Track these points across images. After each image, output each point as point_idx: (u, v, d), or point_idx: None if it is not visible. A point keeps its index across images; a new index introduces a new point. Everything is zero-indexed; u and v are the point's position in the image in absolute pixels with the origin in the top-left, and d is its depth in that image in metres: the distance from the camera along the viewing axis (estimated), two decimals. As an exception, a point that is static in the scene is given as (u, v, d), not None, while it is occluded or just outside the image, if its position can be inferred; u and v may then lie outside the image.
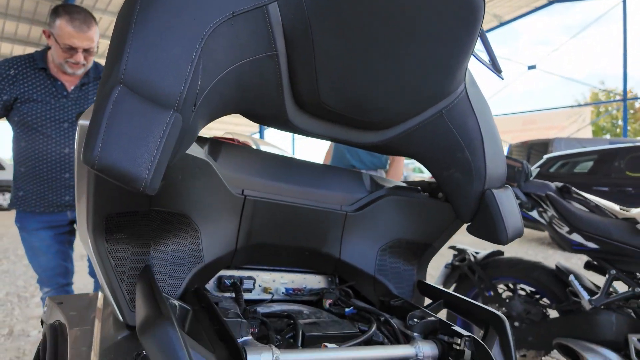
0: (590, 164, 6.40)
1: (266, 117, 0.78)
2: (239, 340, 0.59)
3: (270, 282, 0.91)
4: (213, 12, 0.55)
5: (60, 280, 1.78)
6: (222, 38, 0.57)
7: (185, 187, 0.68)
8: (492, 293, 1.97)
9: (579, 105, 17.40)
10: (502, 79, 0.95)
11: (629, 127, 20.28)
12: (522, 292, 1.96)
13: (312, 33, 0.63)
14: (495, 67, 0.90)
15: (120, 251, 0.66)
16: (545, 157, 7.14)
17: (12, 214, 1.89)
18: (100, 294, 0.81)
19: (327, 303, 0.87)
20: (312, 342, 0.67)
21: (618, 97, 17.33)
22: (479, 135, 0.85)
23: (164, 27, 0.52)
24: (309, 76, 0.69)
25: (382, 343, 0.74)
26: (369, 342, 0.71)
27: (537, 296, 1.92)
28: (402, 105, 0.79)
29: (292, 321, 0.71)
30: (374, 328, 0.74)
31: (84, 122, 0.59)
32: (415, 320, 0.76)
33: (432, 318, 0.77)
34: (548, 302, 1.84)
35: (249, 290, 0.87)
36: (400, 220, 0.95)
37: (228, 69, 0.62)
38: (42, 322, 0.84)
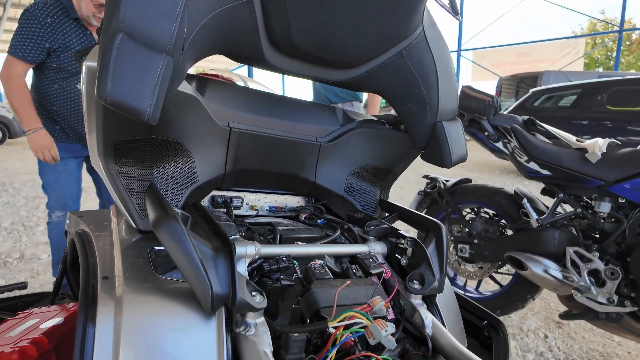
0: (574, 97, 6.51)
1: (245, 57, 0.89)
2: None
3: (256, 202, 1.08)
4: None
5: (71, 204, 2.02)
6: None
7: (179, 119, 0.81)
8: (457, 215, 2.20)
9: (574, 37, 16.98)
10: (460, 20, 1.06)
11: (622, 60, 20.03)
12: (484, 215, 2.19)
13: None
14: (453, 10, 1.00)
15: (128, 172, 0.81)
16: (531, 91, 7.21)
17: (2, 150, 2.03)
18: (112, 209, 0.97)
19: (302, 216, 1.05)
20: (288, 242, 0.85)
21: (615, 29, 16.91)
22: (435, 73, 0.98)
23: None
24: (281, 19, 0.80)
25: (342, 243, 0.92)
26: (334, 242, 0.89)
27: (497, 218, 2.15)
28: (366, 45, 0.90)
29: (272, 227, 0.89)
30: (338, 232, 0.92)
31: (91, 63, 0.71)
32: (371, 227, 0.95)
33: (385, 225, 0.95)
34: (506, 222, 2.08)
35: (238, 207, 1.04)
36: (368, 149, 1.10)
37: (209, 15, 0.73)
38: (65, 232, 1.01)
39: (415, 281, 0.80)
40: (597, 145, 1.76)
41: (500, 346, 0.91)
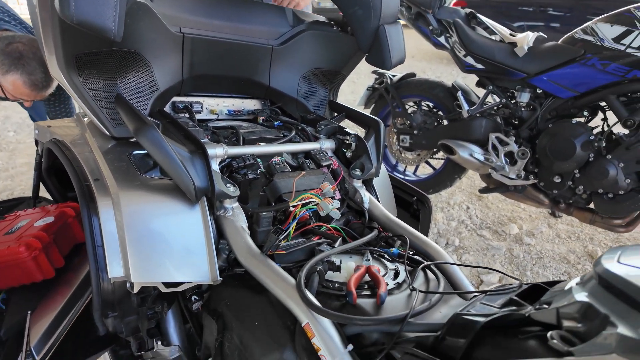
0: (522, -19, 6.46)
1: None
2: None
3: (214, 106, 1.16)
4: None
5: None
6: None
7: (133, 28, 0.84)
8: (400, 109, 2.38)
9: None
10: None
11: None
12: (424, 108, 2.39)
13: None
14: None
15: (93, 84, 0.86)
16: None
17: None
18: (77, 118, 1.03)
19: (260, 119, 1.16)
20: (250, 143, 0.98)
21: None
22: None
23: None
24: None
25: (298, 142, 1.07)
26: (290, 142, 1.03)
27: (435, 110, 2.37)
28: None
29: (234, 130, 1.01)
30: (293, 132, 1.06)
31: None
32: (322, 126, 1.09)
33: (333, 125, 1.10)
34: (443, 114, 2.30)
35: (199, 112, 1.12)
36: (317, 51, 1.18)
37: None
38: (36, 142, 1.07)
39: (357, 169, 0.98)
40: (526, 39, 1.92)
41: (426, 215, 1.16)
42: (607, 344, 0.34)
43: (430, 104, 2.40)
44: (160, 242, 0.71)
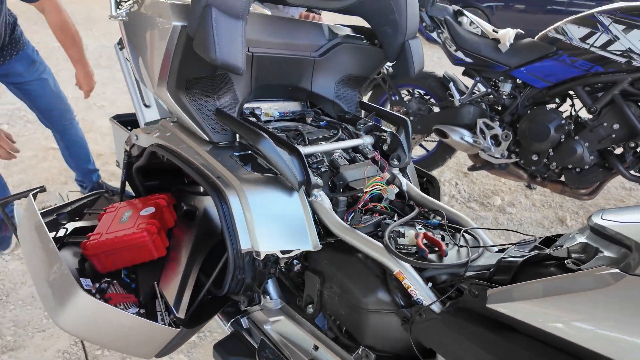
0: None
1: None
2: None
3: (268, 110, 1.39)
4: None
5: None
6: None
7: None
8: (397, 97, 2.66)
9: None
10: None
11: None
12: (417, 96, 2.68)
13: None
14: None
15: (197, 100, 1.08)
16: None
17: None
18: (168, 126, 1.23)
19: (308, 120, 1.41)
20: (312, 142, 1.23)
21: None
22: (405, 3, 1.28)
23: None
24: None
25: (345, 139, 1.32)
26: (339, 139, 1.29)
27: (427, 97, 2.66)
28: None
29: (298, 132, 1.25)
30: (341, 131, 1.31)
31: (177, 23, 0.92)
32: (361, 124, 1.35)
33: (370, 123, 1.36)
34: (434, 101, 2.60)
35: (258, 116, 1.35)
36: (350, 60, 1.42)
37: None
38: (128, 152, 1.27)
39: (395, 160, 1.25)
40: (507, 36, 2.22)
41: (435, 193, 1.45)
42: (599, 263, 0.63)
43: (422, 92, 2.69)
44: (275, 221, 0.96)
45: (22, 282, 1.88)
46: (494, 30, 2.31)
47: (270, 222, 0.95)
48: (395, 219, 1.05)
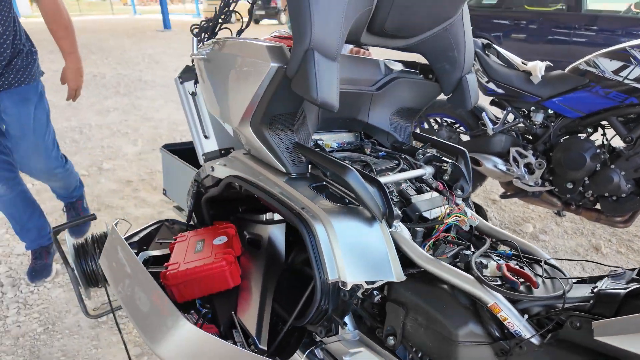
0: (497, -4, 7.03)
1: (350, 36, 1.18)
2: None
3: (327, 140, 1.43)
4: None
5: None
6: (353, 3, 0.95)
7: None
8: (426, 125, 2.71)
9: None
10: None
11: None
12: (446, 124, 2.74)
13: None
14: None
15: (278, 135, 1.12)
16: None
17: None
18: (240, 157, 1.27)
19: (367, 150, 1.45)
20: (379, 173, 1.26)
21: None
22: (464, 40, 1.34)
23: (327, 1, 0.90)
24: (384, 14, 1.09)
25: (407, 170, 1.36)
26: (402, 169, 1.32)
27: (457, 126, 2.72)
28: (428, 25, 1.23)
29: (366, 163, 1.29)
30: (402, 162, 1.35)
31: (275, 64, 0.97)
32: (420, 155, 1.38)
33: (429, 153, 1.39)
34: (463, 130, 2.65)
35: (321, 147, 1.39)
36: (405, 94, 1.47)
37: (352, 21, 1.01)
38: (198, 182, 1.30)
39: (458, 190, 1.28)
40: (538, 68, 2.29)
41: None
42: None
43: (451, 121, 2.75)
44: (359, 251, 0.98)
45: (67, 310, 1.88)
46: (522, 63, 2.39)
47: (355, 252, 0.98)
48: (472, 249, 1.07)
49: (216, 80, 1.21)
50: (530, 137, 2.40)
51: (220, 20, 1.22)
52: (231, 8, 1.23)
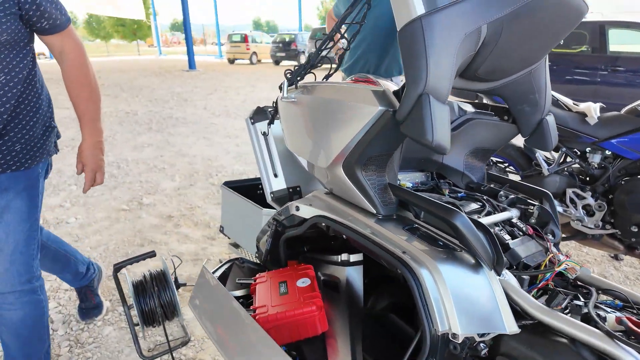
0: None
1: None
2: None
3: (404, 180, 1.41)
4: (461, 32, 0.92)
5: None
6: (462, 48, 0.96)
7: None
8: (473, 165, 2.68)
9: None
10: None
11: None
12: (493, 163, 2.70)
13: (499, 37, 1.02)
14: None
15: (370, 175, 1.10)
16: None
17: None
18: (322, 197, 1.25)
19: (445, 191, 1.41)
20: (467, 215, 1.22)
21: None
22: (545, 82, 1.34)
23: (442, 47, 0.90)
24: (481, 61, 1.10)
25: (492, 212, 1.31)
26: (488, 212, 1.28)
27: (505, 165, 2.68)
28: (515, 70, 1.23)
29: (451, 204, 1.25)
30: (487, 205, 1.31)
31: (383, 107, 0.97)
32: (503, 197, 1.34)
33: (512, 195, 1.35)
34: (513, 169, 2.61)
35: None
36: (480, 134, 1.46)
37: (458, 66, 1.01)
38: (277, 222, 1.28)
39: (549, 234, 1.23)
40: (592, 109, 2.27)
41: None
42: None
43: (499, 160, 2.71)
44: (469, 300, 0.93)
45: (119, 350, 1.83)
46: (574, 104, 2.38)
47: (465, 301, 0.92)
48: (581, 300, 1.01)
49: (306, 123, 1.22)
50: (587, 178, 2.35)
51: (312, 66, 1.25)
52: (324, 54, 1.25)
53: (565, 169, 2.38)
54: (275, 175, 1.58)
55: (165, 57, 29.30)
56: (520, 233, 1.21)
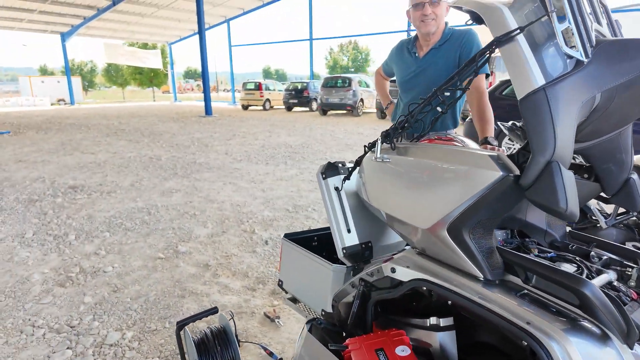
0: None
1: None
2: None
3: None
4: (579, 100, 0.93)
5: None
6: (579, 115, 0.96)
7: None
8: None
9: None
10: None
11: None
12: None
13: (611, 104, 1.03)
14: None
15: (479, 239, 1.08)
16: (499, 80, 7.96)
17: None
18: (421, 261, 1.22)
19: (534, 251, 1.37)
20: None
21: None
22: (630, 142, 1.34)
23: (566, 114, 0.90)
24: (583, 128, 1.10)
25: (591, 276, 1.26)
26: (587, 275, 1.23)
27: (555, 217, 2.64)
28: (610, 131, 1.23)
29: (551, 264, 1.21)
30: (584, 268, 1.26)
31: (504, 173, 0.96)
32: (596, 258, 1.30)
33: (606, 256, 1.31)
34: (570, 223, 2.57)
35: None
36: None
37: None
38: (367, 283, 1.25)
39: (656, 298, 1.17)
40: (646, 162, 2.26)
41: None
42: None
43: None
44: None
45: (175, 415, 1.73)
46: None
47: None
48: None
49: (403, 182, 1.22)
50: (645, 232, 2.29)
51: (405, 126, 1.26)
52: (417, 116, 1.27)
53: (623, 221, 2.33)
54: (349, 231, 1.56)
55: (180, 103, 30.30)
56: (628, 298, 1.16)
